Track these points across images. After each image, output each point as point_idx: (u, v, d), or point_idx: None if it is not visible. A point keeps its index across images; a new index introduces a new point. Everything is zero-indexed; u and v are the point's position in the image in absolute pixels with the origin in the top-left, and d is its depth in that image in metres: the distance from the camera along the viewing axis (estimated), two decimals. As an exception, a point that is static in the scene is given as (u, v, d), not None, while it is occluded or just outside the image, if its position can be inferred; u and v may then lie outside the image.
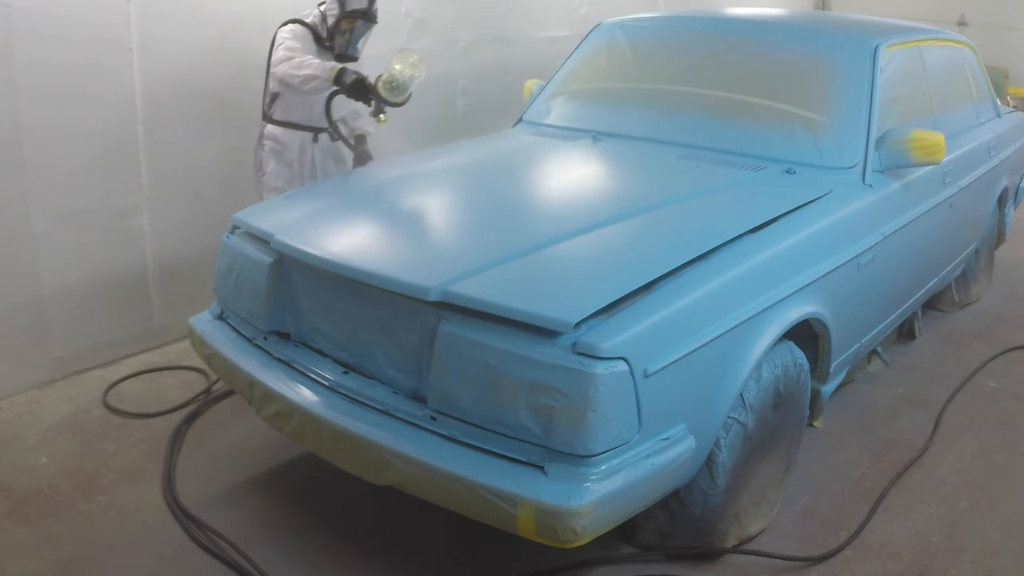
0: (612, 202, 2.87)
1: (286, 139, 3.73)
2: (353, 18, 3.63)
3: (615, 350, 2.04)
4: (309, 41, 3.67)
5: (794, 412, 2.75)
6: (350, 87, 3.45)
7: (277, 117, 3.72)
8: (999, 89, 7.23)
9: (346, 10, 3.62)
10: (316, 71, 3.48)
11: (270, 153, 3.75)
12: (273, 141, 3.74)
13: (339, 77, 3.45)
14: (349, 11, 3.62)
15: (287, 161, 3.75)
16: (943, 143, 3.12)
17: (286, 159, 3.74)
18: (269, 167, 3.75)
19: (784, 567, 2.61)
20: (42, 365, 3.61)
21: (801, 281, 2.61)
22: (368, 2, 3.65)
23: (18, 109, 3.36)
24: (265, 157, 3.77)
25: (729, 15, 3.99)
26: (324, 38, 3.69)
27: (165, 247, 3.95)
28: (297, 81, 3.50)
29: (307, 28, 3.67)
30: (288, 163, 3.75)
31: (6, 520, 2.76)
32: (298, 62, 3.50)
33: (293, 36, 3.62)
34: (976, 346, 4.21)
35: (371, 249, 2.63)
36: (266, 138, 3.76)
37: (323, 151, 3.83)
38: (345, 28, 3.64)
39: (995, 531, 2.82)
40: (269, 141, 3.75)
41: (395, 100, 3.47)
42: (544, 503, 1.99)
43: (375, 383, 2.41)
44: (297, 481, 3.01)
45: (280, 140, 3.73)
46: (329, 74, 3.46)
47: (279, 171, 3.74)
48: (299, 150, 3.75)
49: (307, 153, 3.78)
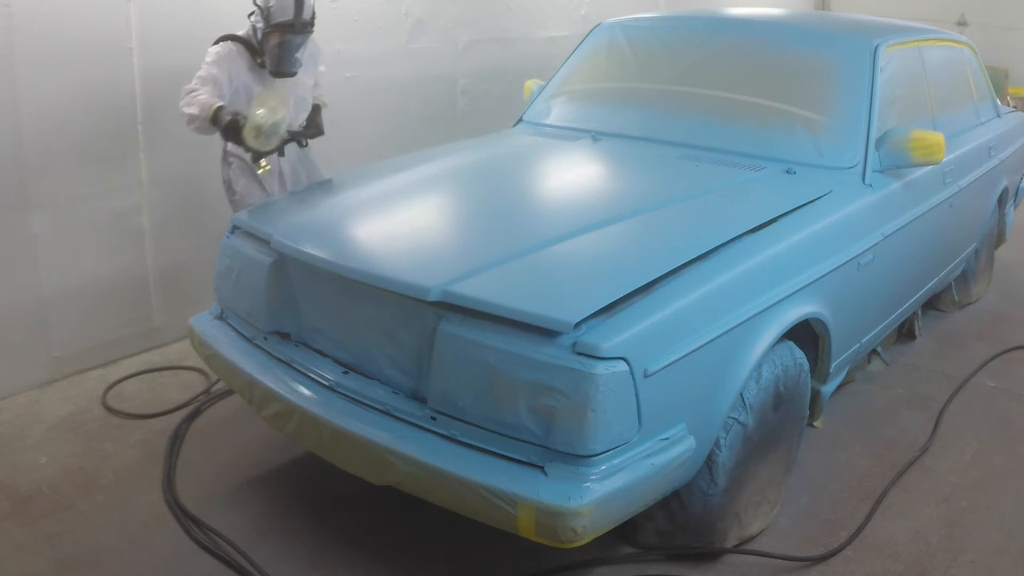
0: (612, 202, 2.87)
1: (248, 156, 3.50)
2: (282, 31, 3.31)
3: (615, 350, 2.04)
4: (240, 60, 3.42)
5: (794, 412, 2.75)
6: (224, 129, 3.22)
7: None
8: (999, 89, 7.22)
9: (271, 23, 3.30)
10: (196, 110, 3.24)
11: (238, 171, 3.57)
12: (238, 159, 3.55)
13: (216, 116, 3.21)
14: (274, 24, 3.29)
15: (253, 177, 3.56)
16: (943, 143, 3.12)
17: (255, 176, 3.56)
18: (239, 186, 3.58)
19: (784, 567, 2.61)
20: (42, 365, 3.61)
21: (801, 281, 2.61)
22: (295, 12, 3.29)
23: (18, 109, 3.36)
24: (233, 176, 3.59)
25: (729, 15, 3.99)
26: (258, 53, 3.43)
27: (165, 247, 3.95)
28: (185, 120, 3.28)
29: (241, 44, 3.42)
30: (257, 179, 3.57)
31: (6, 520, 2.76)
32: (189, 99, 3.27)
33: (216, 59, 3.36)
34: (976, 346, 4.21)
35: (371, 249, 2.63)
36: (231, 155, 3.56)
37: (291, 162, 3.67)
38: (275, 43, 3.34)
39: (995, 531, 2.82)
40: (235, 159, 3.56)
41: (264, 148, 3.28)
42: (544, 503, 1.99)
43: (375, 383, 2.41)
44: (297, 481, 3.01)
45: (244, 157, 3.52)
46: (207, 113, 3.22)
47: (250, 188, 3.57)
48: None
49: (274, 168, 3.59)
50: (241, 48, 3.44)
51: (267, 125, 3.22)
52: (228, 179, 3.63)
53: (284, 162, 3.65)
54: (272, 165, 3.56)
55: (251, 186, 3.60)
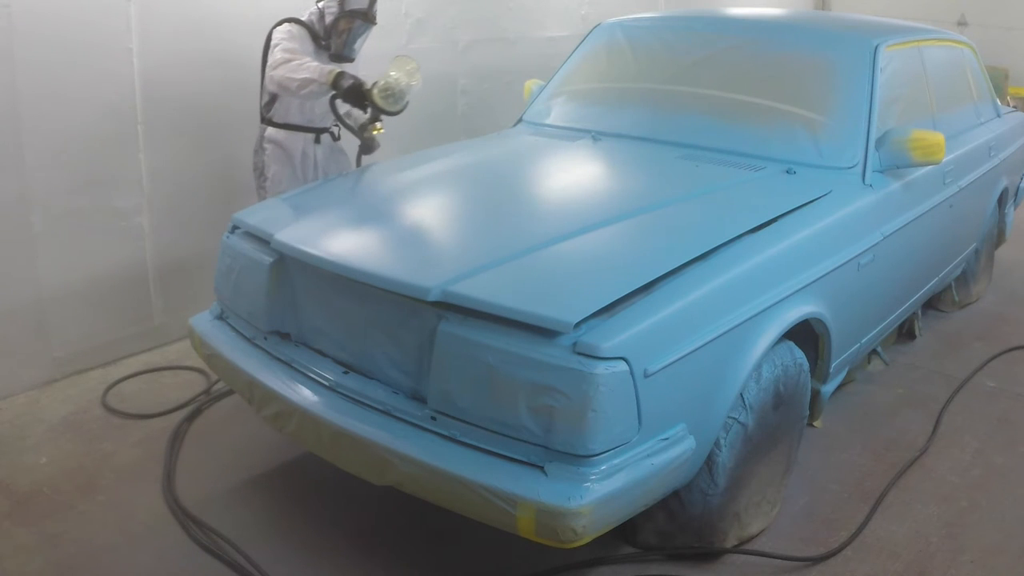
0: (612, 202, 2.87)
1: (288, 142, 3.67)
2: (352, 18, 3.56)
3: (615, 350, 2.04)
4: (306, 41, 3.59)
5: (794, 412, 2.75)
6: (347, 92, 3.38)
7: (276, 120, 3.67)
8: (999, 89, 7.22)
9: (346, 9, 3.56)
10: (313, 74, 3.38)
11: (271, 157, 3.69)
12: (274, 145, 3.68)
13: (336, 81, 3.36)
14: (348, 11, 3.55)
15: (290, 164, 3.70)
16: (943, 143, 3.12)
17: (288, 162, 3.70)
18: (271, 172, 3.69)
19: (784, 567, 2.61)
20: (42, 365, 3.61)
21: (801, 281, 2.61)
22: (369, 2, 3.59)
23: (18, 109, 3.36)
24: (267, 161, 3.70)
25: (729, 15, 4.00)
26: (321, 37, 3.62)
27: (165, 247, 3.95)
28: (295, 85, 3.40)
29: (304, 27, 3.60)
30: (291, 166, 3.70)
31: (6, 520, 2.76)
32: (295, 65, 3.41)
33: (290, 36, 3.54)
34: (976, 346, 4.21)
35: (371, 249, 2.63)
36: (267, 141, 3.69)
37: (325, 152, 3.79)
38: (343, 28, 3.58)
39: (995, 531, 2.82)
40: (270, 145, 3.68)
41: (391, 109, 3.41)
42: (544, 503, 1.99)
43: (375, 383, 2.41)
44: (297, 481, 3.01)
45: (282, 144, 3.67)
46: (327, 78, 3.37)
47: (281, 175, 3.69)
48: (301, 153, 3.71)
49: (309, 155, 3.74)
50: (304, 30, 3.61)
51: (399, 88, 3.40)
52: (261, 164, 3.73)
53: (319, 150, 3.76)
54: (308, 152, 3.72)
55: (282, 173, 3.70)
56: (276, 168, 3.69)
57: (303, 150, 3.72)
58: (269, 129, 3.69)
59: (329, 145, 3.80)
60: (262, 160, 3.72)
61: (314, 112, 3.69)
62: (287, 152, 3.69)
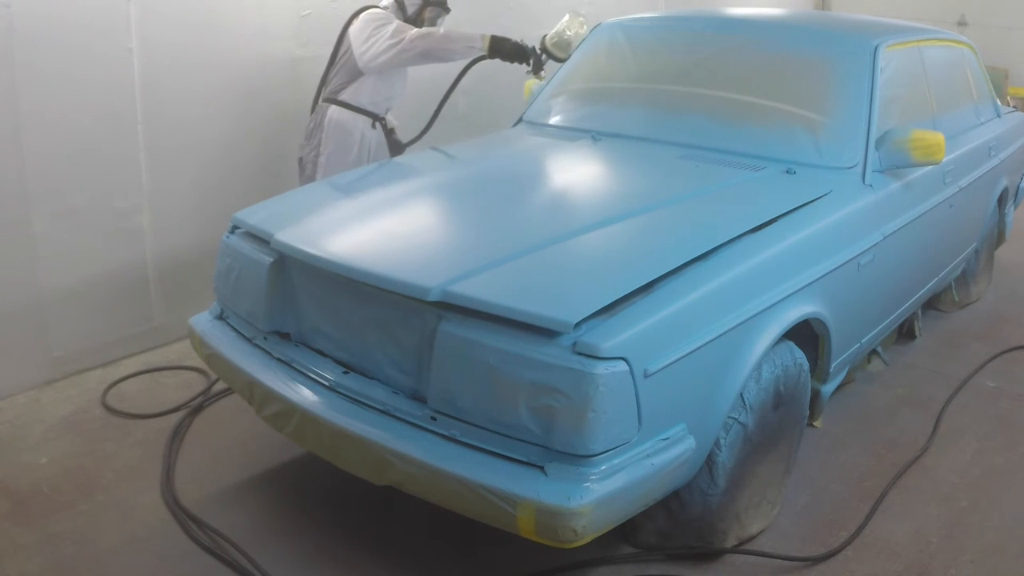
0: (612, 202, 2.88)
1: (351, 123, 3.89)
2: (435, 7, 3.96)
3: (615, 350, 2.04)
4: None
5: (794, 412, 2.75)
6: (511, 52, 3.90)
7: (345, 99, 3.86)
8: (999, 89, 7.22)
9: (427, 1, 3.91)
10: (470, 41, 3.85)
11: (331, 136, 3.88)
12: (338, 126, 3.88)
13: (496, 46, 3.86)
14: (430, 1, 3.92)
15: (348, 145, 3.90)
16: (943, 143, 3.12)
17: (347, 143, 3.89)
18: (327, 150, 3.88)
19: (784, 567, 2.61)
20: (42, 365, 3.60)
21: (801, 281, 2.61)
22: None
23: (18, 109, 3.35)
24: (324, 140, 3.89)
25: (729, 15, 4.00)
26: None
27: (165, 247, 3.95)
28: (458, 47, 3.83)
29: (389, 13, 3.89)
30: (348, 147, 3.90)
31: (6, 520, 2.76)
32: (441, 35, 3.82)
33: (389, 19, 3.82)
34: (976, 346, 4.21)
35: (371, 249, 2.62)
36: (329, 122, 3.88)
37: (378, 138, 4.02)
38: (428, 16, 3.94)
39: (995, 531, 2.82)
40: (332, 126, 3.88)
41: (560, 56, 3.94)
42: (544, 503, 1.99)
43: (375, 383, 2.41)
44: (297, 481, 3.01)
45: (344, 125, 3.88)
46: (483, 44, 3.86)
47: (337, 155, 3.88)
48: (360, 134, 3.92)
49: (367, 138, 3.96)
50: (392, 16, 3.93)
51: (569, 37, 3.96)
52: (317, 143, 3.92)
53: (374, 136, 4.00)
54: (366, 135, 3.96)
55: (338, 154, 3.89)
56: (333, 147, 3.89)
57: (362, 132, 3.94)
58: (332, 110, 3.88)
59: (381, 132, 4.03)
60: (318, 140, 3.92)
61: (382, 95, 3.95)
62: (348, 133, 3.89)
